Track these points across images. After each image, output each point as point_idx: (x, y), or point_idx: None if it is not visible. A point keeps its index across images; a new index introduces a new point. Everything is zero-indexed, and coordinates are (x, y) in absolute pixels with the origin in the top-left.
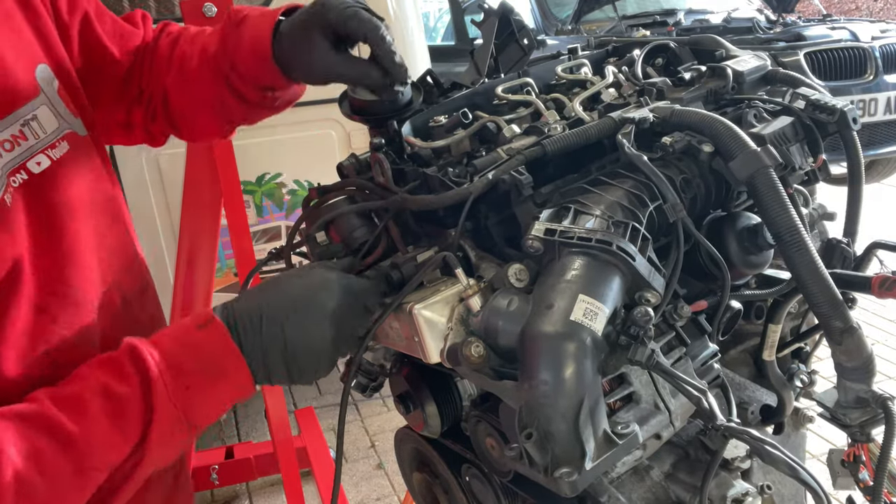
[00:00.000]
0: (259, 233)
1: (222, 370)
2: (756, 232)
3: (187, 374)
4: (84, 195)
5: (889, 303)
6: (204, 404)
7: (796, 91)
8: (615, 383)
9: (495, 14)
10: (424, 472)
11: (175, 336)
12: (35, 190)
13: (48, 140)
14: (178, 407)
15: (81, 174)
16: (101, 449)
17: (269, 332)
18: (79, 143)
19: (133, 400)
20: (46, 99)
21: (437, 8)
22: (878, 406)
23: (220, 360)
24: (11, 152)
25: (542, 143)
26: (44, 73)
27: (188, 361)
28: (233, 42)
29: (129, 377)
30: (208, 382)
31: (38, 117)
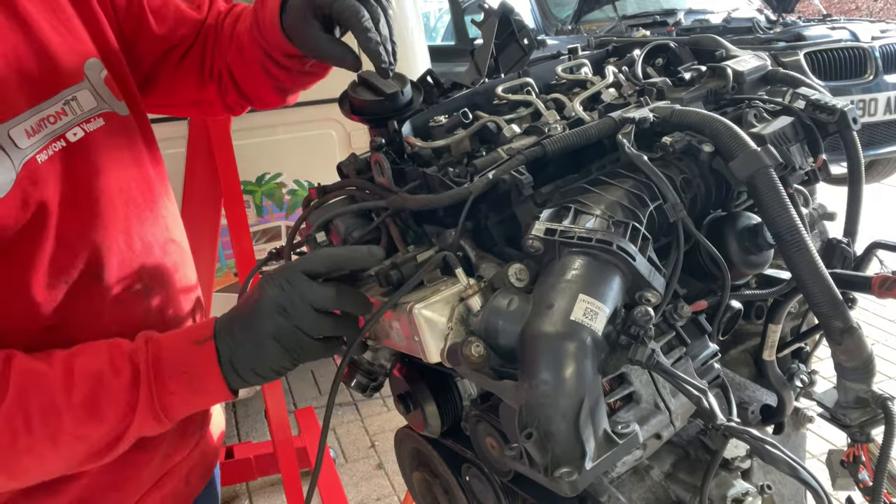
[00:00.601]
0: (259, 233)
1: (205, 389)
2: (756, 232)
3: (174, 384)
4: (115, 163)
5: (889, 303)
6: (184, 407)
7: (796, 91)
8: (615, 383)
9: (495, 14)
10: (424, 472)
11: (174, 346)
12: (71, 154)
13: (84, 116)
14: (159, 408)
15: (115, 146)
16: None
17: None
18: (116, 122)
19: (121, 393)
20: (89, 84)
21: (437, 8)
22: (877, 406)
23: (205, 380)
24: (55, 124)
25: (543, 143)
26: (92, 65)
27: (177, 374)
28: (260, 15)
29: (123, 371)
30: (191, 395)
31: (78, 98)
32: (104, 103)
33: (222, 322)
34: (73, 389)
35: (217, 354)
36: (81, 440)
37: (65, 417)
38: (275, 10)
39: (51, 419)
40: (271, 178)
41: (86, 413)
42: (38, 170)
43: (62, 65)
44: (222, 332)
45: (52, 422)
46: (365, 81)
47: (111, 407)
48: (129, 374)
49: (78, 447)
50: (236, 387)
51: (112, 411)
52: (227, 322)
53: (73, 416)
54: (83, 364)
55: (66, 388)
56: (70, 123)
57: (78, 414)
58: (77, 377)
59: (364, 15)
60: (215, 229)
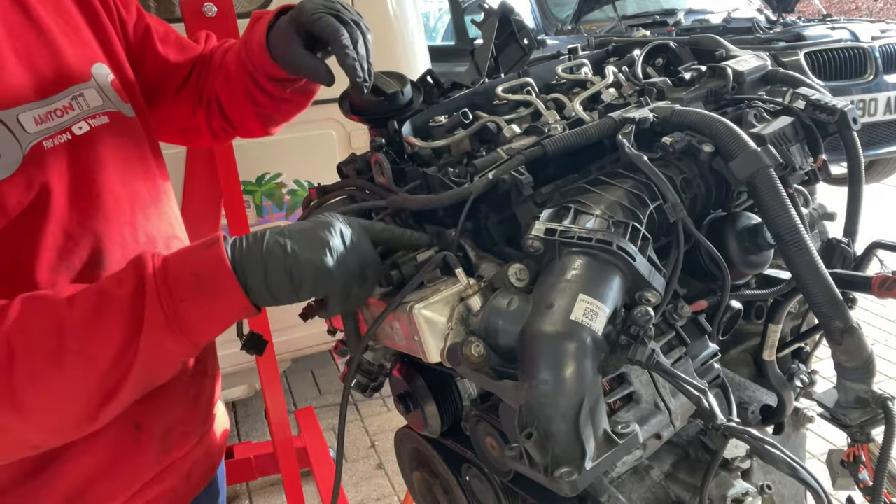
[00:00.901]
0: None
1: (216, 290)
2: (756, 232)
3: (182, 289)
4: (120, 159)
5: (889, 303)
6: (200, 319)
7: (796, 91)
8: (615, 383)
9: (495, 14)
10: (424, 472)
11: (183, 251)
12: (76, 147)
13: (90, 112)
14: (170, 317)
15: (119, 143)
16: (86, 337)
17: (270, 246)
18: (122, 121)
19: (124, 300)
20: (96, 84)
21: (437, 8)
22: (877, 406)
23: (214, 280)
24: (62, 117)
25: (543, 143)
26: (99, 69)
27: (185, 277)
28: (248, 38)
29: (126, 281)
30: (202, 300)
31: (85, 95)
32: (110, 103)
33: (249, 234)
34: (75, 305)
35: (230, 257)
36: (89, 360)
37: (68, 333)
38: (262, 31)
39: (52, 336)
40: (271, 178)
41: (89, 327)
42: (44, 155)
43: (71, 64)
44: (241, 240)
45: (53, 339)
46: None
47: (117, 318)
48: (133, 282)
49: (87, 370)
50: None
51: (118, 323)
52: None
53: (76, 333)
54: (88, 285)
55: (69, 306)
56: (77, 117)
57: (80, 329)
58: (80, 294)
59: (343, 33)
60: (215, 229)
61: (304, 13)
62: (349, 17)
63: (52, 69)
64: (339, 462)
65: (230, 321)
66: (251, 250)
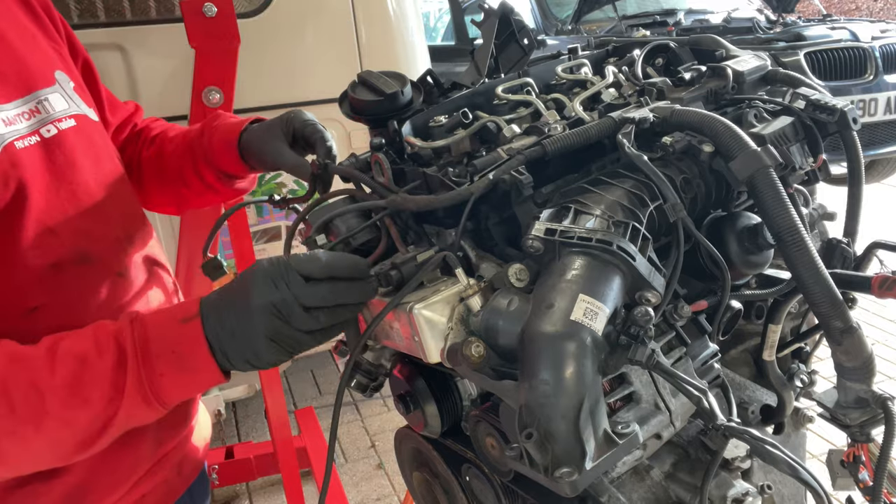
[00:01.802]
0: (259, 233)
1: (194, 366)
2: (756, 232)
3: (162, 364)
4: (91, 159)
5: (889, 303)
6: (176, 390)
7: (796, 91)
8: (615, 383)
9: (495, 14)
10: (424, 472)
11: (162, 323)
12: (47, 148)
13: (57, 115)
14: (150, 391)
15: (89, 144)
16: (63, 405)
17: (225, 324)
18: (88, 124)
19: (105, 372)
20: (61, 88)
21: (437, 8)
22: (877, 406)
23: (193, 357)
24: (29, 120)
25: (543, 143)
26: (61, 75)
27: (165, 353)
28: (209, 131)
29: (107, 351)
30: (181, 374)
31: (50, 99)
32: (76, 106)
33: (210, 304)
34: (55, 370)
35: (205, 334)
36: (67, 425)
37: (48, 399)
38: (233, 129)
39: (33, 400)
40: (271, 178)
41: (69, 395)
42: (17, 154)
43: (34, 70)
44: (210, 314)
45: (34, 403)
46: (365, 81)
47: (96, 389)
48: (114, 354)
49: (63, 432)
50: (227, 369)
51: (97, 393)
52: (216, 306)
53: (57, 398)
54: (67, 345)
55: (50, 369)
56: (44, 121)
57: (61, 396)
58: (60, 358)
59: (329, 139)
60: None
61: (297, 119)
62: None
63: (17, 73)
64: (330, 458)
65: (203, 390)
66: (225, 329)
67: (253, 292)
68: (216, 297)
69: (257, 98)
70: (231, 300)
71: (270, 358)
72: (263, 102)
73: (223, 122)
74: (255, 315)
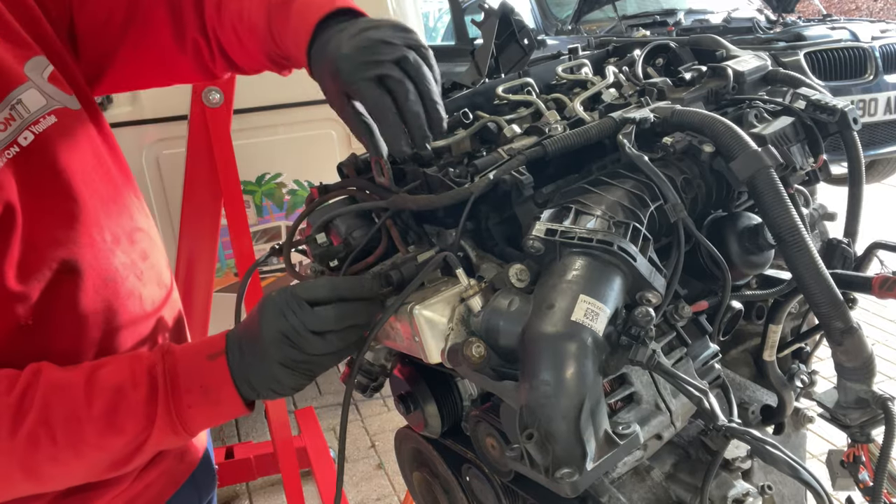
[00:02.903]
0: (259, 233)
1: (219, 399)
2: (757, 232)
3: (190, 397)
4: (74, 159)
5: (889, 303)
6: (202, 421)
7: (797, 91)
8: (616, 384)
9: (496, 14)
10: (425, 472)
11: (189, 360)
12: (26, 158)
13: (33, 117)
14: (178, 422)
15: (71, 142)
16: (100, 434)
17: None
18: (69, 117)
19: (138, 404)
20: (33, 84)
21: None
22: (878, 407)
23: (218, 392)
24: (5, 132)
25: (543, 144)
26: (35, 63)
27: (193, 388)
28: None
29: (140, 384)
30: (207, 406)
31: (24, 100)
32: (53, 100)
33: (233, 339)
34: (93, 401)
35: (230, 369)
36: (103, 450)
37: (86, 428)
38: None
39: (73, 429)
40: (271, 178)
41: (106, 425)
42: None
43: (3, 69)
44: (233, 349)
45: (74, 432)
46: None
47: (130, 420)
48: (147, 387)
49: (100, 456)
50: (253, 399)
51: (131, 424)
52: (237, 341)
53: (94, 428)
54: (105, 376)
55: (88, 400)
56: (20, 128)
57: (98, 426)
58: (98, 389)
59: (383, 104)
60: (215, 229)
61: (343, 79)
62: (394, 73)
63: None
64: (341, 463)
65: (227, 419)
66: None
67: (263, 324)
68: (239, 331)
69: (257, 98)
70: (248, 334)
71: (291, 383)
72: (263, 102)
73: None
74: (269, 346)
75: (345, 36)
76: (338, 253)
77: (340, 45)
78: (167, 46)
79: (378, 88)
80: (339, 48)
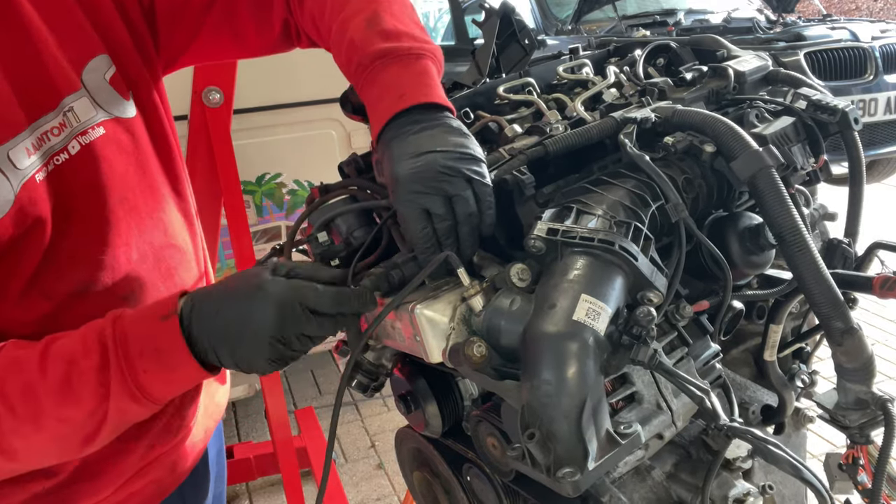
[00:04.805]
0: (259, 233)
1: (174, 364)
2: (758, 232)
3: (144, 362)
4: (117, 173)
5: (889, 303)
6: (161, 387)
7: (797, 91)
8: (617, 383)
9: (496, 14)
10: (425, 472)
11: (142, 321)
12: (70, 169)
13: (81, 127)
14: (135, 386)
15: (116, 155)
16: (57, 405)
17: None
18: (119, 127)
19: (90, 372)
20: (86, 92)
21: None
22: (877, 408)
23: (171, 354)
24: (58, 136)
25: (544, 143)
26: (97, 64)
27: (147, 351)
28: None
29: (91, 352)
30: (162, 370)
31: (75, 108)
32: (103, 111)
33: (201, 302)
34: (48, 372)
35: (182, 330)
36: (64, 422)
37: (43, 400)
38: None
39: (30, 401)
40: (271, 178)
41: (62, 396)
42: (36, 188)
43: (60, 73)
44: (201, 314)
45: (31, 403)
46: None
47: (85, 389)
48: (98, 354)
49: (64, 430)
50: (214, 363)
51: (87, 393)
52: (206, 300)
53: (51, 400)
54: (58, 347)
55: (42, 371)
56: (70, 135)
57: (55, 397)
58: (51, 360)
59: (418, 237)
60: (215, 229)
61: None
62: (439, 211)
63: (42, 82)
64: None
65: (190, 386)
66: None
67: (259, 318)
68: (211, 298)
69: (257, 98)
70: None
71: (263, 371)
72: (263, 102)
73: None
74: (260, 344)
75: (408, 150)
76: (339, 252)
77: (400, 160)
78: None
79: (419, 222)
80: (398, 164)
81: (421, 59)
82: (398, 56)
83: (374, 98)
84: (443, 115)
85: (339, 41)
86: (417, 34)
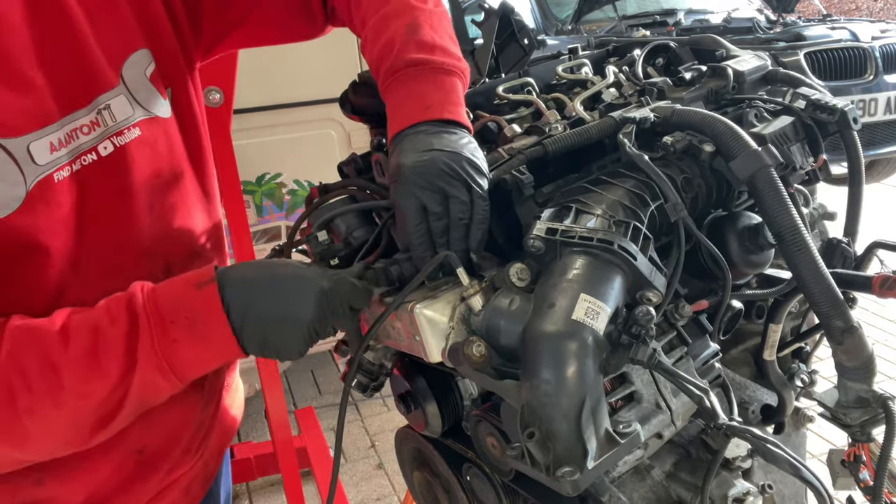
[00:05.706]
0: (259, 233)
1: (207, 333)
2: (757, 231)
3: (176, 330)
4: (148, 177)
5: (889, 303)
6: (190, 361)
7: (797, 91)
8: (617, 382)
9: (496, 14)
10: (425, 472)
11: (175, 288)
12: (99, 171)
13: (116, 128)
14: (163, 358)
15: (149, 159)
16: (80, 378)
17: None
18: (155, 128)
19: (118, 340)
20: (125, 89)
21: None
22: (878, 406)
23: (207, 324)
24: (88, 135)
25: (543, 143)
26: (137, 59)
27: (178, 319)
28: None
29: (119, 319)
30: (194, 341)
31: (112, 106)
32: (141, 109)
33: (236, 279)
34: (69, 342)
35: (224, 299)
36: (84, 398)
37: (64, 373)
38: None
39: (49, 375)
40: (271, 178)
41: (85, 367)
42: (53, 189)
43: (98, 68)
44: (236, 290)
45: (51, 377)
46: (365, 82)
47: (111, 358)
48: (126, 321)
49: (82, 407)
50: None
51: (113, 363)
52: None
53: (72, 371)
54: (79, 318)
55: (63, 342)
56: (103, 135)
57: (76, 369)
58: (73, 330)
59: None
60: None
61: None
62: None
63: (79, 75)
64: (337, 460)
65: (219, 363)
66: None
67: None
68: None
69: (257, 98)
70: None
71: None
72: (263, 102)
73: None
74: (298, 332)
75: (418, 146)
76: (338, 252)
77: (408, 153)
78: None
79: (415, 217)
80: (404, 155)
81: (451, 76)
82: (431, 69)
83: (397, 102)
84: (462, 131)
85: (374, 37)
86: (451, 50)
